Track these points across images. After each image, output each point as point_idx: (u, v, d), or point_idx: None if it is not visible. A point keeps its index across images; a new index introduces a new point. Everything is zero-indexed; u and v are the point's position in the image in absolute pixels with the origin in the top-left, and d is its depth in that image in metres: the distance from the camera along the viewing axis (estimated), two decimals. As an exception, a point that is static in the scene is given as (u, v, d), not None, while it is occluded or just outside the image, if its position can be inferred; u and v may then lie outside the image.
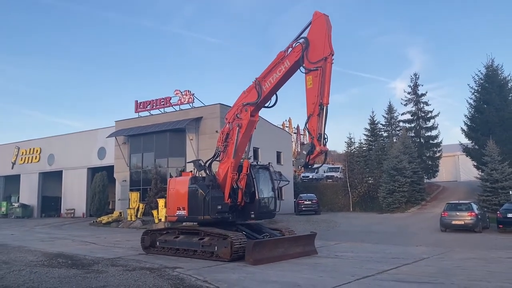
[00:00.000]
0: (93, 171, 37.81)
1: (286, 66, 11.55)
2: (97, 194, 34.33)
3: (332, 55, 10.51)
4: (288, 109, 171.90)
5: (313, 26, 11.08)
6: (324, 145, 10.46)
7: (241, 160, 12.93)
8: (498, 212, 20.62)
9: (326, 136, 10.44)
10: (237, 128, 12.35)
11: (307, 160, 10.53)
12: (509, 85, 33.68)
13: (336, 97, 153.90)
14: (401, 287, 8.28)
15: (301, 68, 11.04)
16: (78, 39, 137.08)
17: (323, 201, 38.43)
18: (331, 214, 33.76)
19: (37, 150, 42.67)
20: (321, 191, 41.11)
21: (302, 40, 11.14)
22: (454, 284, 8.50)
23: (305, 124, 10.80)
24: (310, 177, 48.56)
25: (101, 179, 34.84)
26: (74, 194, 39.00)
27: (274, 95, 12.48)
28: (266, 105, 12.67)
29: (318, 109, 10.30)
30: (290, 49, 11.50)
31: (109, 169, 35.14)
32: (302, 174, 51.12)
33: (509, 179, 26.95)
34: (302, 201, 34.77)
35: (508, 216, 19.73)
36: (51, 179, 41.75)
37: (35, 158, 42.61)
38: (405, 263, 11.16)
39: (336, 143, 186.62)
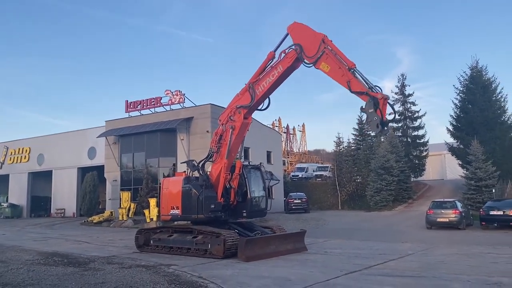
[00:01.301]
0: (83, 171, 37.83)
1: (279, 71, 11.95)
2: (88, 193, 34.41)
3: (325, 36, 11.11)
4: (278, 109, 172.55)
5: (293, 35, 11.77)
6: (373, 97, 10.17)
7: (234, 161, 13.31)
8: (481, 210, 21.27)
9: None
10: (231, 130, 12.68)
11: (380, 115, 9.98)
12: (493, 86, 34.50)
13: (325, 96, 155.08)
14: (386, 281, 8.73)
15: (306, 64, 11.45)
16: (68, 38, 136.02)
17: (312, 199, 39.01)
18: (320, 213, 34.32)
19: (26, 150, 42.54)
20: (310, 190, 41.69)
21: (295, 47, 11.57)
22: (436, 277, 9.00)
23: (351, 91, 10.58)
24: (300, 176, 49.21)
25: (91, 179, 34.91)
26: (64, 194, 39.00)
27: (267, 98, 12.83)
28: (259, 107, 13.02)
29: (350, 74, 10.58)
30: (283, 54, 11.88)
31: (100, 169, 35.23)
32: (292, 173, 51.74)
33: (492, 178, 27.72)
34: (292, 200, 35.32)
35: (490, 213, 20.38)
36: (41, 179, 41.66)
37: (24, 158, 42.48)
38: (391, 259, 11.65)
39: (325, 143, 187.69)
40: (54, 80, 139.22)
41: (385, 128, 10.37)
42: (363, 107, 10.27)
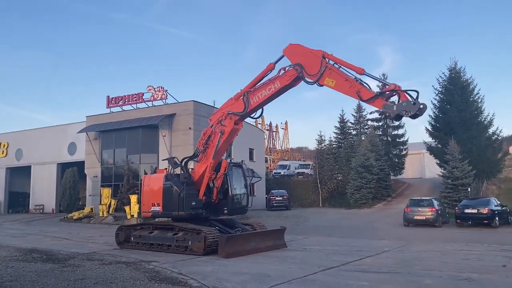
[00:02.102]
0: (63, 167, 37.30)
1: (276, 86, 11.81)
2: (68, 190, 33.93)
3: (323, 52, 11.03)
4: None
5: (290, 56, 11.59)
6: (389, 98, 10.12)
7: (220, 160, 13.41)
8: (457, 208, 21.89)
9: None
10: (220, 134, 12.62)
11: (406, 99, 9.76)
12: (471, 87, 35.32)
13: (308, 95, 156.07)
14: (362, 276, 8.98)
15: (308, 83, 11.22)
16: (49, 31, 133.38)
17: (294, 197, 39.36)
18: (301, 210, 34.68)
19: (4, 145, 41.69)
20: (292, 187, 42.04)
21: (295, 66, 11.32)
22: (410, 273, 9.31)
23: (363, 100, 10.55)
24: (282, 173, 49.53)
25: (71, 174, 34.43)
26: (43, 190, 38.40)
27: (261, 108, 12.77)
28: (251, 116, 13.07)
29: (358, 84, 10.45)
30: (283, 71, 11.69)
31: (80, 165, 34.78)
32: (274, 171, 52.03)
33: (468, 177, 28.46)
34: (273, 197, 35.57)
35: (465, 211, 20.99)
36: (19, 175, 40.93)
37: (2, 153, 41.63)
38: (368, 255, 11.96)
39: (308, 140, 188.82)
40: (34, 74, 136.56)
41: (419, 104, 9.57)
42: (385, 106, 9.99)
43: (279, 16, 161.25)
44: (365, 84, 10.50)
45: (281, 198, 35.43)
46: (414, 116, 9.68)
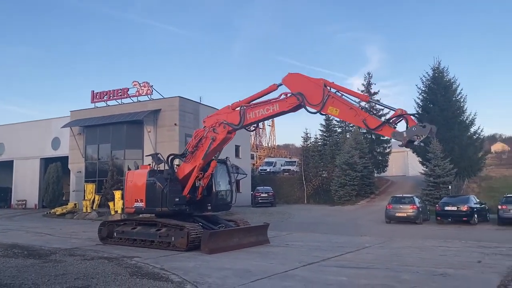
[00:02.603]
0: (46, 162, 36.88)
1: (274, 109, 11.69)
2: (51, 185, 33.61)
3: (324, 80, 10.85)
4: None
5: (290, 86, 11.34)
6: (395, 124, 10.01)
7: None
8: (437, 205, 22.33)
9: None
10: (211, 140, 12.52)
11: (415, 124, 9.64)
12: (453, 86, 35.90)
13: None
14: (341, 272, 9.17)
15: (310, 112, 11.14)
16: (32, 25, 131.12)
17: (279, 193, 39.58)
18: (286, 206, 34.92)
19: (-14, 139, 40.99)
20: (277, 184, 42.27)
21: (297, 96, 11.06)
22: (388, 269, 9.53)
23: (373, 130, 10.33)
24: (268, 170, 49.74)
25: (55, 169, 34.11)
26: (26, 185, 37.93)
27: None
28: (246, 128, 13.02)
29: (363, 112, 10.32)
30: (284, 96, 11.52)
31: (64, 160, 34.48)
32: (260, 168, 52.21)
33: (450, 175, 28.99)
34: (258, 194, 35.76)
35: (445, 209, 21.42)
36: (1, 169, 40.37)
37: (-16, 148, 40.94)
38: (348, 251, 12.18)
39: (294, 137, 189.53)
40: (17, 68, 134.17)
41: (430, 126, 9.49)
42: (394, 133, 9.83)
43: (267, 13, 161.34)
44: (370, 113, 10.35)
45: (266, 195, 35.64)
46: (425, 140, 9.54)
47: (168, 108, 30.72)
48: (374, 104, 39.82)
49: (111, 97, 32.74)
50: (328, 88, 10.79)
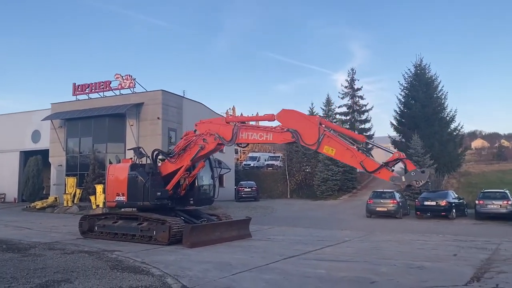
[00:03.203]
0: (26, 155, 36.17)
1: (267, 138, 11.72)
2: (31, 178, 33.02)
3: (320, 118, 10.86)
4: (232, 98, 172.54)
5: (284, 122, 11.18)
6: (393, 167, 10.05)
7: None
8: (417, 200, 22.78)
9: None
10: (199, 148, 12.46)
11: (412, 168, 9.60)
12: (435, 83, 36.56)
13: (281, 87, 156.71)
14: (321, 265, 9.33)
15: (306, 149, 11.28)
16: (11, 15, 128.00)
17: (263, 188, 39.76)
18: (270, 201, 35.11)
19: (-37, 131, 40.01)
20: (261, 179, 42.44)
21: (292, 133, 10.90)
22: (367, 262, 9.73)
23: (370, 172, 10.30)
24: (252, 165, 49.88)
25: (35, 163, 33.50)
26: (5, 178, 37.12)
27: None
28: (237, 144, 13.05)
29: (361, 154, 10.16)
30: (279, 128, 11.33)
31: (44, 153, 33.88)
32: (244, 162, 52.31)
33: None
34: (242, 188, 35.87)
35: (424, 204, 21.87)
36: (-21, 162, 39.41)
37: (-39, 140, 39.95)
38: (328, 245, 12.38)
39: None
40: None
41: (426, 172, 9.57)
42: (393, 178, 9.74)
43: (251, 7, 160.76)
44: (368, 154, 10.23)
45: (249, 190, 35.75)
46: (425, 184, 9.52)
47: (151, 102, 30.45)
48: (371, 145, 40.45)
49: (93, 90, 32.26)
50: (324, 126, 10.72)
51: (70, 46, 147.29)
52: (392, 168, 10.08)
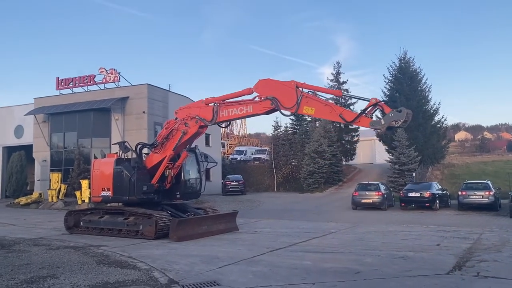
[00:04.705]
0: (9, 150, 35.68)
1: (248, 111, 11.62)
2: (15, 174, 32.56)
3: (295, 82, 10.82)
4: (218, 91, 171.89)
5: (262, 92, 11.22)
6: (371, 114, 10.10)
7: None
8: (401, 192, 23.10)
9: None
10: (182, 133, 12.47)
11: (389, 111, 9.64)
12: (419, 76, 36.92)
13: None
14: (307, 256, 9.44)
15: (285, 114, 11.38)
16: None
17: (249, 181, 39.86)
18: (256, 194, 35.23)
19: None
20: (248, 172, 42.53)
21: (271, 100, 10.96)
22: (352, 252, 9.88)
23: (350, 122, 10.36)
24: (239, 158, 49.92)
25: (18, 158, 33.03)
26: (-13, 174, 36.61)
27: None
28: (218, 125, 12.99)
29: (339, 107, 10.34)
30: (258, 98, 11.42)
31: (28, 149, 33.40)
32: (231, 156, 52.32)
33: (414, 162, 29.95)
34: (229, 182, 35.91)
35: (409, 195, 22.18)
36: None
37: None
38: (314, 237, 12.50)
39: (265, 126, 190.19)
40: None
41: (403, 111, 9.52)
42: (373, 122, 9.92)
43: (237, 0, 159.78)
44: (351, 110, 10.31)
45: (236, 183, 35.81)
46: (404, 123, 9.61)
47: (136, 96, 30.20)
48: (348, 97, 40.67)
49: (77, 84, 31.86)
50: (301, 89, 10.81)
51: (53, 41, 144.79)
52: (371, 116, 10.17)
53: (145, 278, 7.30)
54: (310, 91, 10.89)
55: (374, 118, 10.16)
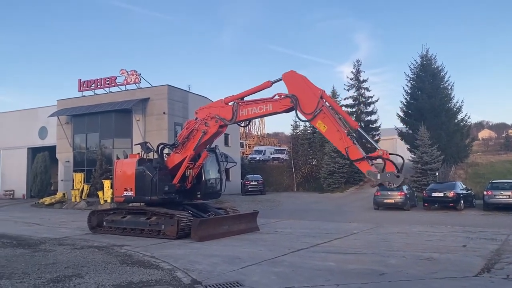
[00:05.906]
0: (34, 151, 36.50)
1: (267, 109, 11.58)
2: (39, 175, 33.32)
3: (323, 92, 10.72)
4: (238, 89, 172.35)
5: (288, 84, 11.12)
6: (373, 160, 10.21)
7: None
8: (424, 192, 22.68)
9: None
10: (202, 133, 12.50)
11: (391, 169, 9.87)
12: (441, 74, 36.22)
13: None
14: (329, 257, 9.33)
15: (300, 118, 11.22)
16: (16, 12, 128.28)
17: (268, 181, 39.76)
18: (276, 194, 35.13)
19: (-29, 129, 40.31)
20: (267, 172, 42.43)
21: (291, 97, 10.93)
22: (375, 254, 9.72)
23: (352, 161, 10.46)
24: (258, 158, 49.87)
25: (43, 159, 33.79)
26: (13, 175, 37.50)
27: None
28: (238, 124, 13.00)
29: (349, 140, 10.10)
30: (277, 96, 11.36)
31: (52, 149, 34.13)
32: (250, 156, 52.32)
33: (437, 162, 29.37)
34: (248, 182, 35.90)
35: (432, 195, 21.76)
36: (-13, 159, 39.75)
37: (-31, 137, 40.28)
38: (336, 237, 12.36)
39: (283, 126, 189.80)
40: (1, 56, 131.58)
41: (401, 177, 9.89)
42: (370, 173, 9.96)
43: (254, 0, 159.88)
44: (355, 142, 10.13)
45: (256, 183, 35.77)
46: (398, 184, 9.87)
47: (157, 97, 30.50)
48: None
49: (98, 86, 32.36)
50: (324, 101, 10.67)
51: (75, 43, 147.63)
52: (372, 162, 10.24)
53: (168, 278, 7.32)
54: (331, 107, 10.74)
55: (373, 169, 10.17)
